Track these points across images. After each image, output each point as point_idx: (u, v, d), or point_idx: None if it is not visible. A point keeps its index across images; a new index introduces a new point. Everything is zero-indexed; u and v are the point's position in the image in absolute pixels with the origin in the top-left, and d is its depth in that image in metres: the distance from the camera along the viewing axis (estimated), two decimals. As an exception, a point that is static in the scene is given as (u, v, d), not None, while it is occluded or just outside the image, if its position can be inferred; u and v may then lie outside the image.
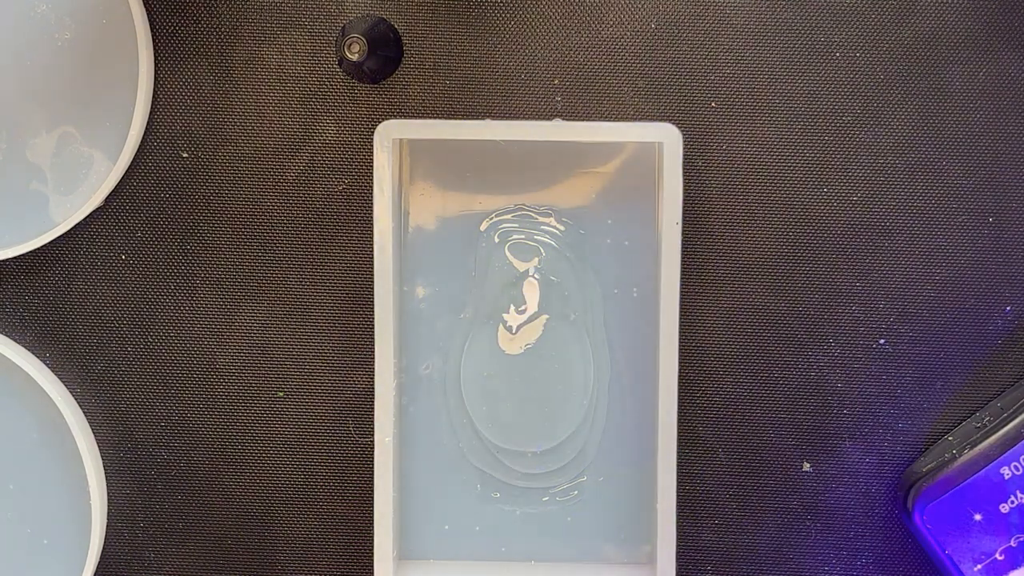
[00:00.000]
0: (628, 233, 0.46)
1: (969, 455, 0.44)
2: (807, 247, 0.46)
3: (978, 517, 0.44)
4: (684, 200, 0.45)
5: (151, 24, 0.46)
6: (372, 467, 0.45)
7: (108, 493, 0.48)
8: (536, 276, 0.46)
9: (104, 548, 0.48)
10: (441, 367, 0.47)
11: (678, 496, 0.46)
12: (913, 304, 0.46)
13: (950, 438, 0.46)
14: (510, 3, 0.46)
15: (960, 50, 0.45)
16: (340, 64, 0.44)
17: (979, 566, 0.44)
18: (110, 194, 0.46)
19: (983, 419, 0.45)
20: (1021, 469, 0.44)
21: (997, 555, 0.44)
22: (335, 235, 0.46)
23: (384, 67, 0.45)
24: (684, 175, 0.44)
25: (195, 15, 0.46)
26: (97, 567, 0.48)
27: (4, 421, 0.47)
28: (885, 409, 0.46)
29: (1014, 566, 0.44)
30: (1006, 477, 0.44)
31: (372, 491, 0.45)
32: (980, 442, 0.44)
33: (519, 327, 0.46)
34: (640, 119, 0.46)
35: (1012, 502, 0.44)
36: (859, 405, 0.46)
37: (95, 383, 0.47)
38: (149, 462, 0.48)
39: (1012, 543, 0.44)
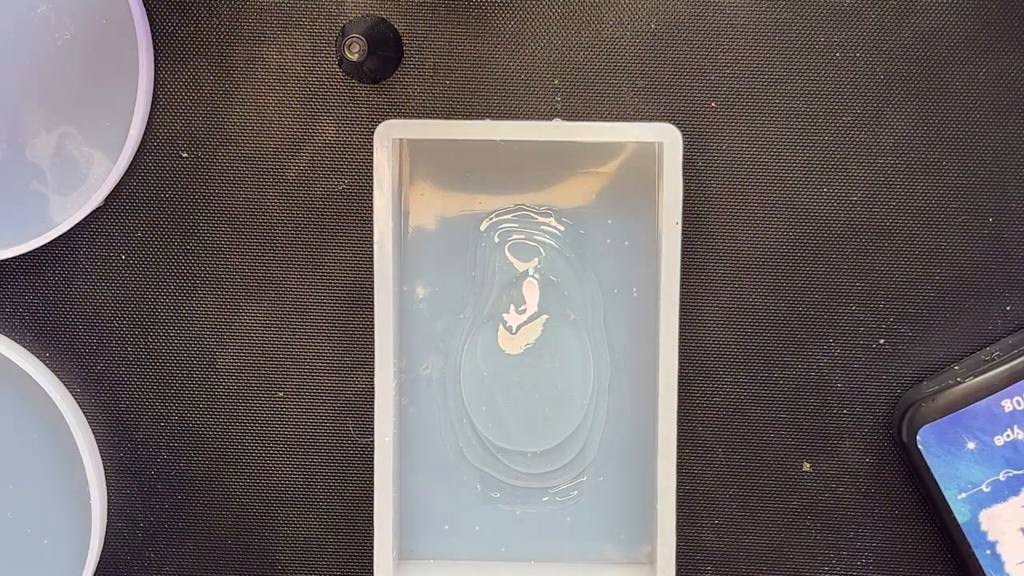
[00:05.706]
0: (628, 233, 0.46)
1: (972, 383, 0.44)
2: (807, 247, 0.46)
3: (971, 445, 0.43)
4: (684, 200, 0.45)
5: (151, 24, 0.46)
6: (372, 467, 0.45)
7: (108, 493, 0.48)
8: (536, 276, 0.46)
9: (104, 548, 0.48)
10: (441, 367, 0.47)
11: (678, 496, 0.46)
12: (913, 304, 0.46)
13: (956, 367, 0.45)
14: (510, 3, 0.46)
15: (960, 50, 0.45)
16: (340, 64, 0.44)
17: (964, 495, 0.44)
18: (110, 194, 0.46)
19: (992, 353, 0.45)
20: (1023, 405, 0.43)
21: (984, 486, 0.43)
22: (335, 235, 0.46)
23: (384, 67, 0.45)
24: (684, 175, 0.44)
25: (195, 15, 0.46)
26: (97, 567, 0.48)
27: (4, 421, 0.47)
28: (885, 409, 0.46)
29: (998, 500, 0.44)
30: (1007, 410, 0.43)
31: (372, 491, 0.45)
32: (986, 372, 0.44)
33: (519, 327, 0.46)
34: (640, 119, 0.46)
35: (1008, 436, 0.43)
36: (859, 405, 0.46)
37: (95, 383, 0.47)
38: (149, 462, 0.48)
39: (1000, 476, 0.44)
